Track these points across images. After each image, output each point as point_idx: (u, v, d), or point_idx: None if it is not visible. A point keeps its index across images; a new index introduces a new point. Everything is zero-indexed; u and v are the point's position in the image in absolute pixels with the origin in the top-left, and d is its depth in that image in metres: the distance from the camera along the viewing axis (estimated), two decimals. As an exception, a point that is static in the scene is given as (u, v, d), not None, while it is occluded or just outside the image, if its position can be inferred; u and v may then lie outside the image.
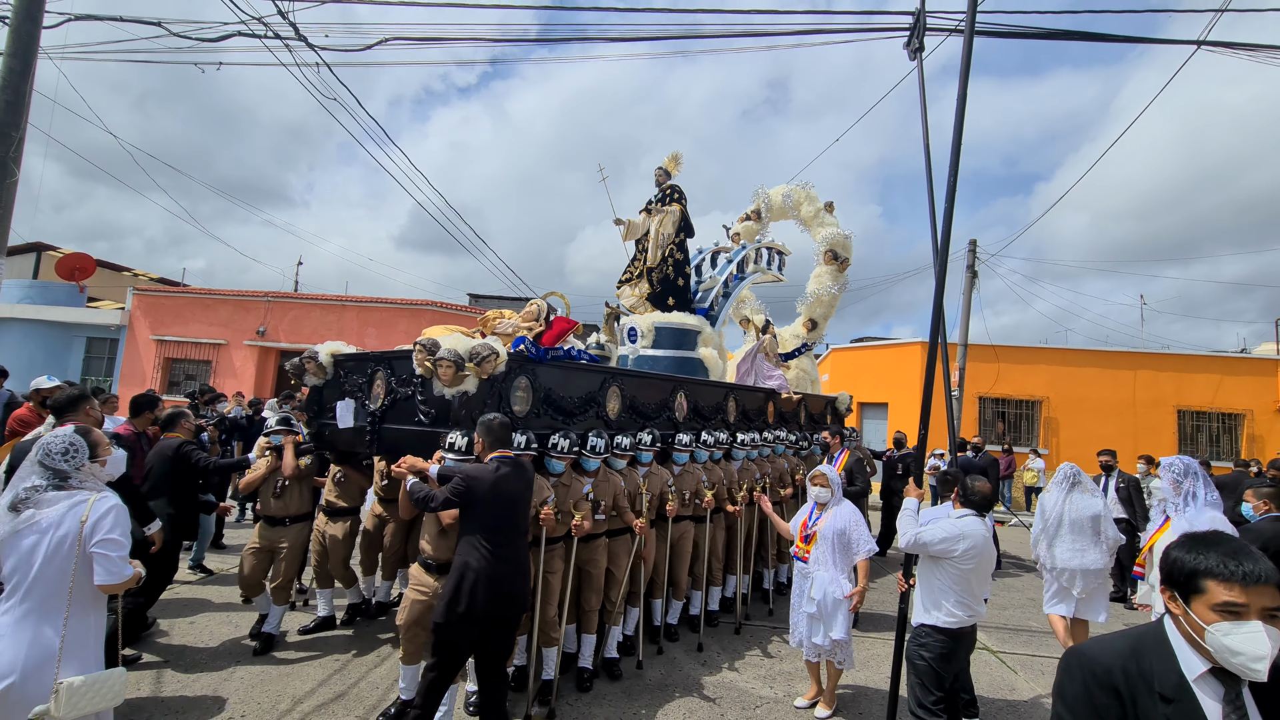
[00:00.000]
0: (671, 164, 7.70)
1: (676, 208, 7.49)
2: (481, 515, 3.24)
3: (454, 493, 3.25)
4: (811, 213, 9.33)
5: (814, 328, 9.08)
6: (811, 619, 4.07)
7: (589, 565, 4.26)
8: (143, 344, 17.71)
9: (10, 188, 5.03)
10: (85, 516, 2.43)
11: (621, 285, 7.68)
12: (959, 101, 4.13)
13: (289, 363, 5.39)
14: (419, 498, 3.38)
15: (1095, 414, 16.52)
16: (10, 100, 5.03)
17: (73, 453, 2.52)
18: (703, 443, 5.38)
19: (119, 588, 2.48)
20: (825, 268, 9.03)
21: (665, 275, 7.33)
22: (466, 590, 3.12)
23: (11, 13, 5.13)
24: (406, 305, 17.29)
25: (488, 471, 3.26)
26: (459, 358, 3.86)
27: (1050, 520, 4.62)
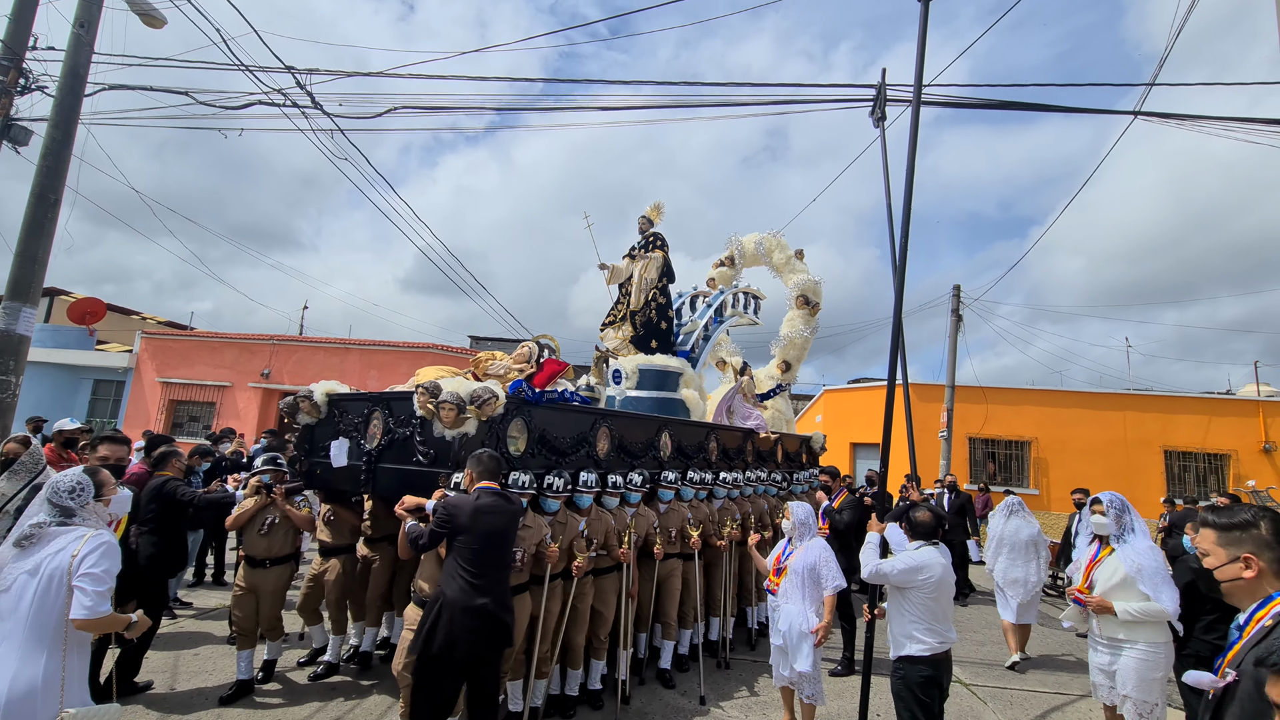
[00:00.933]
0: (654, 212, 8.15)
1: (659, 254, 7.90)
2: (462, 543, 3.27)
3: (438, 524, 3.31)
4: (783, 260, 9.86)
5: (788, 369, 9.48)
6: (778, 650, 4.18)
7: (577, 601, 4.38)
8: (148, 386, 18.08)
9: (47, 245, 5.49)
10: (77, 551, 2.47)
11: (605, 328, 8.02)
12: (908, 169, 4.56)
13: (283, 401, 5.45)
14: (413, 538, 3.44)
15: (1083, 454, 16.75)
16: (51, 166, 5.54)
17: (79, 491, 2.63)
18: (688, 481, 5.59)
19: (93, 625, 2.47)
20: (797, 312, 9.52)
21: (648, 319, 7.70)
22: (444, 623, 3.11)
23: (57, 87, 5.68)
24: (409, 348, 17.72)
25: (469, 500, 3.34)
26: (461, 400, 4.00)
27: (992, 540, 6.37)
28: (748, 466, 6.92)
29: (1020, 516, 6.53)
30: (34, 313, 5.47)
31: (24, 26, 6.88)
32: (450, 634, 3.08)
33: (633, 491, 4.89)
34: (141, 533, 4.50)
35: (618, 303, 8.08)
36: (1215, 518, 1.83)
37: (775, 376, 9.40)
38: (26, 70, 7.08)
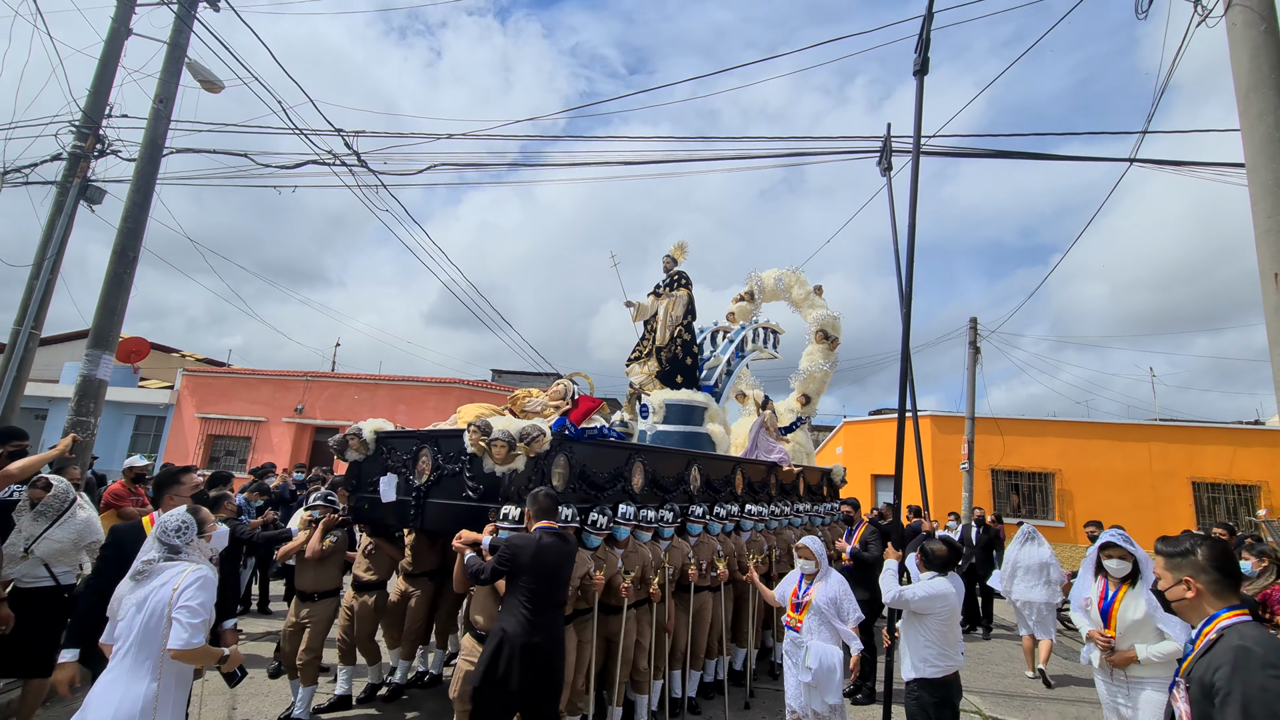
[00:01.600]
0: (678, 252, 8.50)
1: (684, 292, 8.21)
2: (524, 582, 3.41)
3: (500, 561, 3.45)
4: (802, 295, 10.15)
5: (807, 403, 9.72)
6: (808, 688, 4.15)
7: (616, 636, 4.44)
8: (188, 421, 18.80)
9: (125, 298, 6.07)
10: (177, 585, 2.64)
11: (631, 363, 8.30)
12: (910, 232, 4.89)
13: (332, 439, 5.56)
14: (473, 571, 3.58)
15: (1109, 486, 16.61)
16: (131, 227, 6.15)
17: (184, 529, 2.85)
18: (715, 515, 5.67)
19: (188, 656, 2.60)
20: (817, 346, 9.77)
21: (674, 355, 7.98)
22: (504, 657, 3.25)
23: (138, 156, 6.33)
24: (435, 383, 18.28)
25: (531, 540, 3.47)
26: (512, 438, 4.16)
27: (1008, 565, 7.08)
28: (771, 500, 7.14)
29: (1035, 543, 7.15)
30: (112, 359, 6.02)
31: (101, 98, 7.61)
32: (508, 668, 3.24)
33: (666, 526, 5.01)
34: None
35: (643, 339, 8.37)
36: (1163, 546, 2.13)
37: (795, 410, 9.64)
38: (103, 136, 7.83)
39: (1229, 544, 2.09)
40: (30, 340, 7.10)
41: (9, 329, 6.97)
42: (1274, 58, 3.36)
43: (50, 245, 7.15)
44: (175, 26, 6.83)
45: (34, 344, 7.28)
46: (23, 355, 6.92)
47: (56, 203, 7.33)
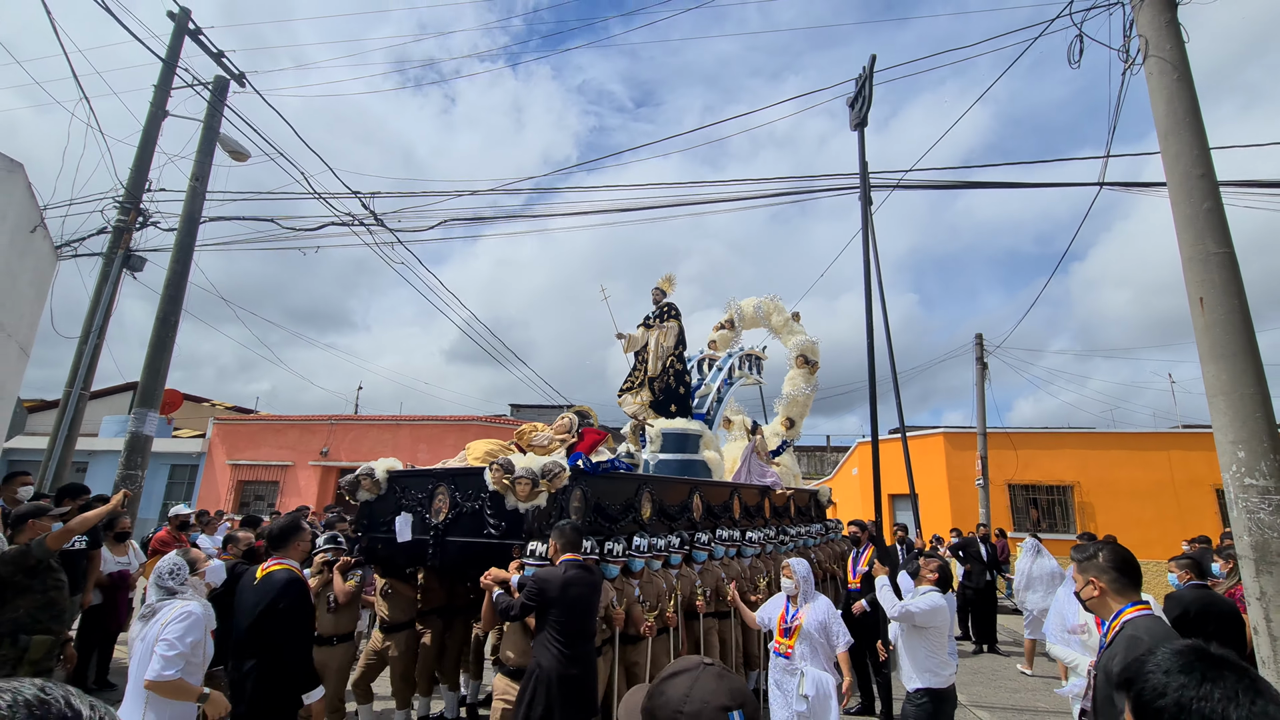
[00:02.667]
0: (666, 284, 8.66)
1: (675, 323, 8.38)
2: (553, 616, 3.42)
3: (529, 597, 3.48)
4: (781, 322, 10.44)
5: (791, 426, 9.92)
6: (801, 716, 3.96)
7: (635, 667, 4.45)
8: (219, 468, 19.46)
9: (167, 360, 6.62)
10: (165, 620, 2.76)
11: (623, 394, 8.45)
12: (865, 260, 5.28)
13: (344, 479, 5.51)
14: (503, 608, 3.60)
15: (1131, 497, 16.45)
16: (172, 295, 6.74)
17: (176, 571, 3.00)
18: (719, 540, 5.78)
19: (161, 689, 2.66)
20: (798, 371, 10.03)
21: (667, 384, 8.15)
22: (543, 692, 3.28)
23: (177, 231, 6.95)
24: (454, 421, 18.78)
25: (558, 574, 3.49)
26: (535, 475, 4.22)
27: (1022, 577, 7.75)
28: (765, 523, 7.36)
29: (1044, 556, 7.93)
30: (157, 416, 6.54)
31: (141, 175, 8.32)
32: (548, 703, 3.27)
33: (675, 553, 5.08)
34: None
35: (634, 370, 8.51)
36: (1075, 553, 2.44)
37: (780, 433, 9.83)
38: (144, 210, 8.52)
39: (1125, 548, 2.37)
40: (80, 400, 7.70)
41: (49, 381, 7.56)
42: (1187, 103, 3.72)
43: (97, 313, 7.78)
44: (208, 111, 7.51)
45: (83, 404, 7.88)
46: (74, 414, 7.50)
47: (103, 273, 7.99)
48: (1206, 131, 3.71)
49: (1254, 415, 3.19)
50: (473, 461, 5.34)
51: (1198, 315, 3.48)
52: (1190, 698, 1.02)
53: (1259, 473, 3.11)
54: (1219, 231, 3.49)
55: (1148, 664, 1.11)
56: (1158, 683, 1.06)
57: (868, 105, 4.64)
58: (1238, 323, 3.35)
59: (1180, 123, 3.70)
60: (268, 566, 3.36)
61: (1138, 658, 1.13)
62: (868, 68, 4.76)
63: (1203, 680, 1.02)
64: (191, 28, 8.64)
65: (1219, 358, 3.35)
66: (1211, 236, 3.48)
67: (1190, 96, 3.74)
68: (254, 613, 3.19)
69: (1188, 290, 3.56)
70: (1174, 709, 1.03)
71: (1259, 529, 3.07)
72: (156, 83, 8.51)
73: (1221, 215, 3.53)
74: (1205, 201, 3.53)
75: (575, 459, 4.65)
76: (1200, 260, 3.50)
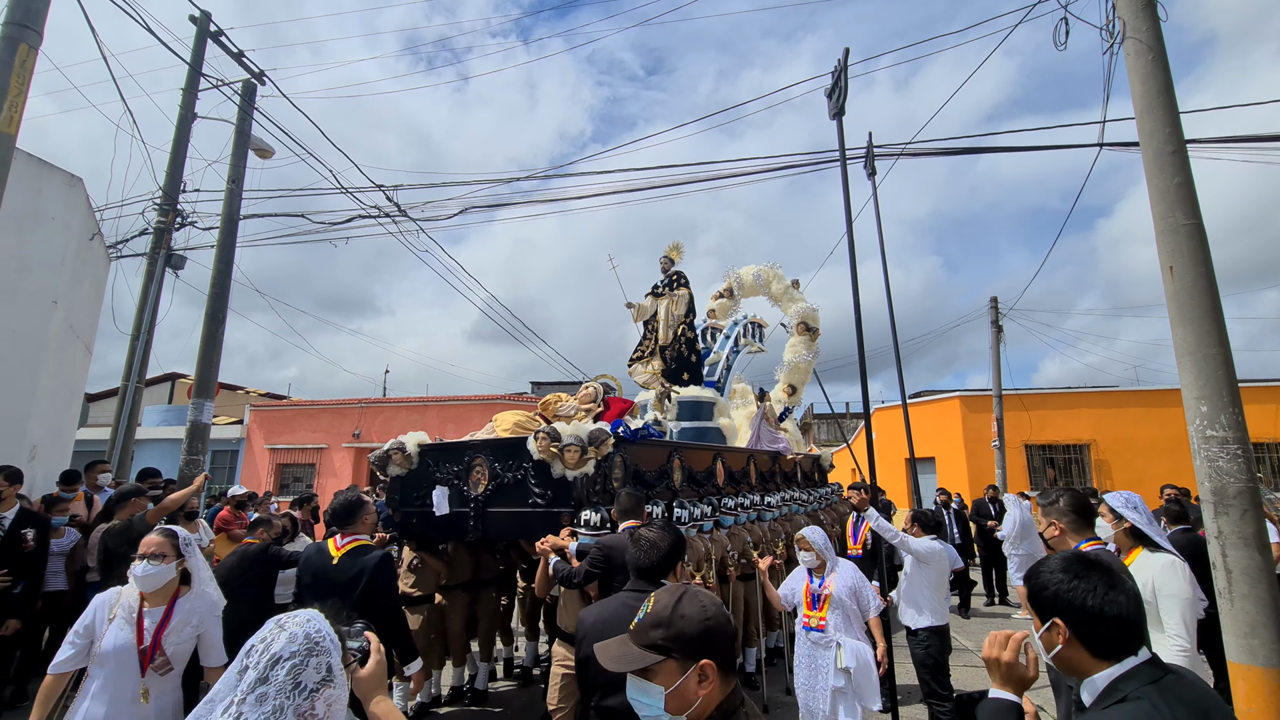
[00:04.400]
0: (674, 252, 8.65)
1: (685, 291, 8.37)
2: (620, 583, 3.22)
3: (593, 564, 3.44)
4: (781, 290, 10.46)
5: (793, 393, 10.05)
6: (838, 693, 3.61)
7: None
8: (258, 453, 20.35)
9: (218, 353, 7.14)
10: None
11: (633, 363, 8.46)
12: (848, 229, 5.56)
13: (373, 454, 5.38)
14: (563, 575, 3.58)
15: (1148, 453, 16.60)
16: (218, 292, 7.23)
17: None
18: (740, 505, 5.82)
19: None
20: (799, 338, 10.09)
21: (679, 353, 8.15)
22: None
23: (218, 232, 7.41)
24: (479, 400, 19.39)
25: (622, 540, 3.37)
26: (584, 442, 4.23)
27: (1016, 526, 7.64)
28: (778, 487, 7.62)
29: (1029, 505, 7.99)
30: (212, 405, 7.09)
31: (176, 177, 8.78)
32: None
33: (706, 521, 5.10)
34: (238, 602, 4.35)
35: (644, 339, 8.52)
36: (1039, 499, 2.81)
37: (782, 400, 9.99)
38: (181, 210, 9.00)
39: (1082, 494, 2.73)
40: (137, 393, 8.30)
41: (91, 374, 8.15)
42: (1161, 82, 3.93)
43: (145, 311, 8.33)
44: (239, 115, 7.91)
45: (140, 396, 8.49)
46: (131, 406, 8.11)
47: (148, 272, 8.52)
48: (1180, 104, 3.94)
49: (1215, 374, 3.49)
50: (501, 433, 5.31)
51: (1168, 282, 3.76)
52: (1063, 590, 1.39)
53: (1219, 424, 3.43)
54: (1188, 204, 3.74)
55: (1041, 568, 1.49)
56: (1045, 580, 1.45)
57: (844, 96, 4.84)
58: (1204, 289, 3.62)
59: (1155, 102, 3.92)
60: (344, 545, 3.37)
61: (1036, 564, 1.51)
62: (842, 60, 4.97)
63: (1074, 577, 1.39)
64: (213, 30, 9.01)
65: (1186, 321, 3.64)
66: (1181, 209, 3.74)
67: (1164, 77, 3.95)
68: (352, 592, 3.18)
69: (1160, 259, 3.84)
70: (1051, 598, 1.41)
71: (1217, 475, 3.40)
72: (184, 86, 8.91)
73: (1191, 189, 3.78)
74: (1176, 177, 3.78)
75: (616, 425, 4.65)
76: (1171, 231, 3.77)
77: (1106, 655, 1.34)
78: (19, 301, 4.97)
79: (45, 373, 5.35)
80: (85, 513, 5.57)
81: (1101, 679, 1.33)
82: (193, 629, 2.69)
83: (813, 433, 11.25)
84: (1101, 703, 1.31)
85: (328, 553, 3.38)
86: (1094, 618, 1.34)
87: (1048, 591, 1.42)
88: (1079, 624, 1.36)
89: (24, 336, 5.04)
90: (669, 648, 1.30)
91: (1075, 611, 1.36)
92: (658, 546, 2.36)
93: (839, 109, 4.97)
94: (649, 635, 1.33)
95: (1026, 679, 1.45)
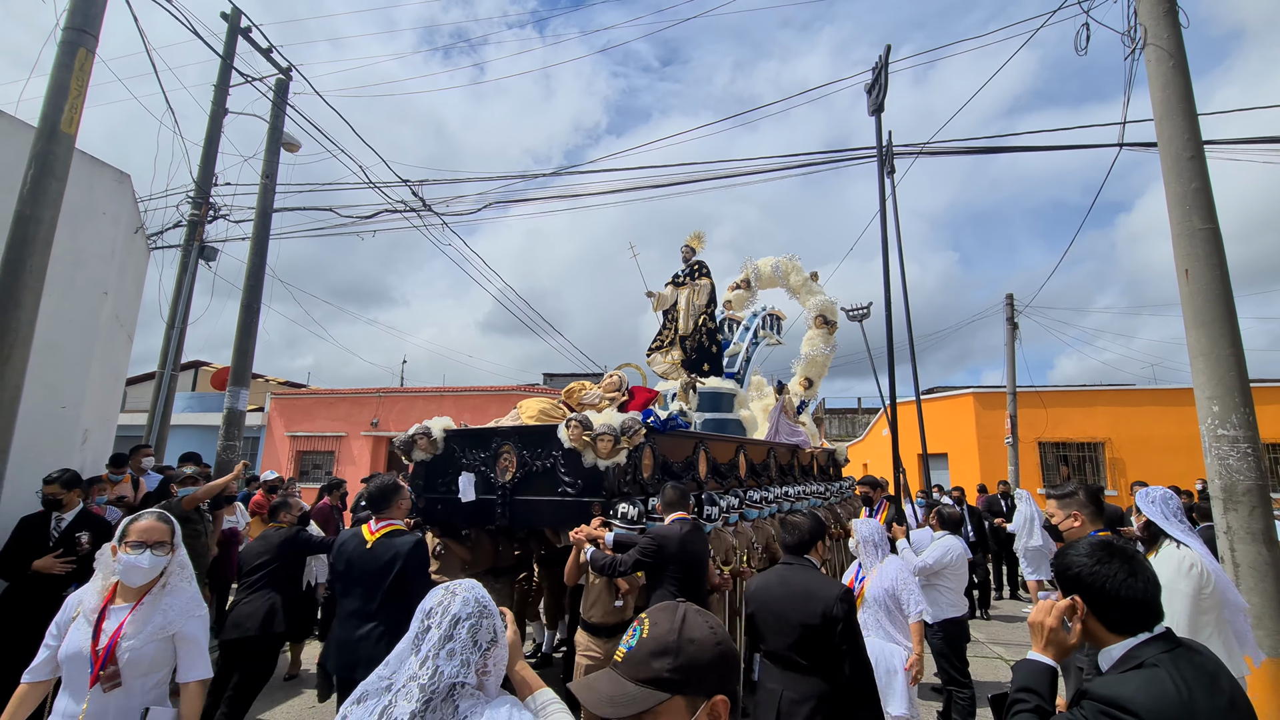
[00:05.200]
0: (695, 241, 8.54)
1: (707, 281, 8.25)
2: (673, 574, 3.37)
3: (645, 553, 3.42)
4: (799, 282, 10.32)
5: (810, 386, 9.99)
6: None
7: None
8: (279, 440, 20.76)
9: (253, 342, 7.39)
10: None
11: (652, 353, 8.38)
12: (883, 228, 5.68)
13: (398, 439, 5.33)
14: (604, 564, 3.53)
15: (1163, 452, 16.57)
16: (253, 284, 7.47)
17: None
18: (765, 499, 5.80)
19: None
20: (817, 331, 9.99)
21: (699, 343, 8.05)
22: None
23: (253, 225, 7.64)
24: (495, 391, 19.66)
25: (675, 530, 3.46)
26: (617, 431, 4.13)
27: (1028, 522, 7.61)
28: (796, 481, 7.70)
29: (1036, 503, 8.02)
30: (247, 393, 7.35)
31: (208, 172, 9.03)
32: None
33: (733, 513, 5.10)
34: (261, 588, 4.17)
35: (663, 328, 8.44)
36: (1053, 492, 2.95)
37: (799, 393, 9.94)
38: (213, 204, 9.25)
39: (1097, 487, 2.89)
40: (172, 381, 8.59)
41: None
42: (1181, 89, 4.02)
43: (179, 301, 8.60)
44: (273, 112, 8.12)
45: (175, 383, 8.77)
46: (168, 393, 8.40)
47: (182, 263, 8.79)
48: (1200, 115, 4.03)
49: (1228, 374, 3.60)
50: (527, 420, 5.22)
51: (1183, 285, 3.86)
52: (1085, 572, 1.57)
53: (1230, 424, 3.55)
54: (1205, 209, 3.84)
55: (1070, 551, 1.65)
56: (1071, 562, 1.62)
57: (884, 93, 4.93)
58: (1218, 292, 3.73)
59: (1174, 109, 4.01)
60: (379, 529, 3.36)
61: (1065, 547, 1.68)
62: (883, 57, 5.08)
63: (1098, 562, 1.56)
64: (243, 25, 9.22)
65: (1200, 324, 3.75)
66: (1198, 213, 3.84)
67: (1184, 84, 4.04)
68: (386, 576, 3.19)
69: (1175, 262, 3.94)
70: (1074, 578, 1.59)
71: (1228, 473, 3.52)
72: (215, 82, 9.15)
73: (1208, 194, 3.87)
74: (1193, 182, 3.88)
75: (647, 415, 4.52)
76: (1187, 235, 3.87)
77: (1121, 630, 1.52)
78: (74, 293, 5.21)
79: (95, 361, 5.60)
80: (132, 494, 5.84)
81: (1117, 649, 1.51)
82: (156, 629, 2.21)
83: (824, 427, 11.31)
84: (1119, 668, 1.48)
85: (362, 537, 3.37)
86: (1111, 599, 1.51)
87: (1071, 572, 1.60)
88: (1097, 603, 1.54)
89: (78, 326, 5.28)
90: (678, 681, 1.03)
91: (1095, 592, 1.54)
92: (801, 528, 2.96)
93: (878, 105, 5.05)
94: (651, 667, 1.04)
95: (1067, 645, 1.57)
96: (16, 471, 4.27)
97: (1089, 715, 1.39)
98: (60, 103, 4.28)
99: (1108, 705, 1.37)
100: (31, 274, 4.08)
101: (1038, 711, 1.53)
